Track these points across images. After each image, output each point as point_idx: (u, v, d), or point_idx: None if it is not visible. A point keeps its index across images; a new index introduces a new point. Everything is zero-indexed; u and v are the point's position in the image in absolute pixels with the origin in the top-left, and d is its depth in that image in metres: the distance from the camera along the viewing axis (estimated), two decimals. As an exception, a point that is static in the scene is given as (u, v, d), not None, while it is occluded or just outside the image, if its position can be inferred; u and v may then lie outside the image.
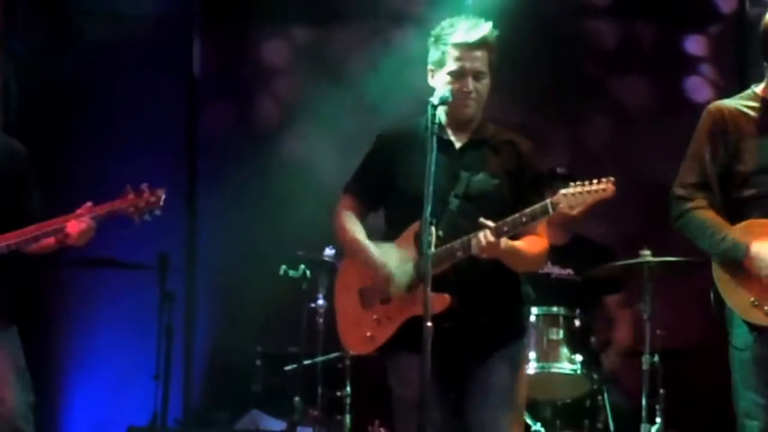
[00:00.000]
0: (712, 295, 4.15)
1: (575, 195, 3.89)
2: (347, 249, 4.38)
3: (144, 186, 4.89)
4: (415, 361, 4.01)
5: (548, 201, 3.92)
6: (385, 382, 4.30)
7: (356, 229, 4.28)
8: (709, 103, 4.34)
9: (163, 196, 4.88)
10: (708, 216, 4.11)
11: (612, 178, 3.89)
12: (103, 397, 6.98)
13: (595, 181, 3.90)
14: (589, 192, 3.89)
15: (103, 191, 4.92)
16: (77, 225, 4.76)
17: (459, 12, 4.31)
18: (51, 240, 4.80)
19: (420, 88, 4.30)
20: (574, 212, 3.91)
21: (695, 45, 7.29)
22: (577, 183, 3.91)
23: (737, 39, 7.11)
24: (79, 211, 4.78)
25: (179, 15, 7.34)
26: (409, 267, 4.14)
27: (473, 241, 3.96)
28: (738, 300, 4.06)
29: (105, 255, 6.16)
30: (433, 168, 3.84)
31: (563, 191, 3.90)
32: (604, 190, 3.89)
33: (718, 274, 4.11)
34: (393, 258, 4.16)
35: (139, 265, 6.19)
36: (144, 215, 4.86)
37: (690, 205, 4.13)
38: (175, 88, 7.28)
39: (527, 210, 3.95)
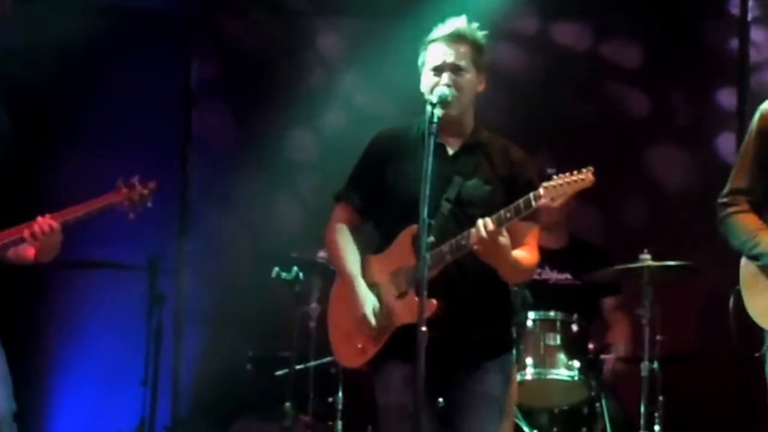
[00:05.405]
0: (732, 298, 4.07)
1: (556, 187, 3.85)
2: (337, 270, 4.34)
3: (135, 179, 4.86)
4: (399, 368, 4.06)
5: (531, 194, 3.89)
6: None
7: (348, 256, 4.22)
8: None
9: (155, 188, 4.83)
10: (747, 221, 4.06)
11: (591, 168, 3.85)
12: (90, 402, 6.92)
13: (575, 171, 3.87)
14: (569, 183, 3.85)
15: (93, 192, 4.87)
16: (44, 222, 4.67)
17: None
18: (30, 253, 4.72)
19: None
20: (556, 204, 3.88)
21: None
22: (558, 175, 3.88)
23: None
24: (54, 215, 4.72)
25: (180, 11, 7.29)
26: (399, 277, 4.11)
27: (472, 232, 3.90)
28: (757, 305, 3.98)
29: (94, 257, 6.21)
30: (430, 168, 3.79)
31: (545, 184, 3.88)
32: (583, 179, 3.85)
33: (745, 275, 4.03)
34: (382, 272, 4.13)
35: (129, 266, 6.17)
36: (137, 209, 4.82)
37: (731, 210, 4.10)
38: (170, 90, 7.23)
39: (511, 205, 3.91)
